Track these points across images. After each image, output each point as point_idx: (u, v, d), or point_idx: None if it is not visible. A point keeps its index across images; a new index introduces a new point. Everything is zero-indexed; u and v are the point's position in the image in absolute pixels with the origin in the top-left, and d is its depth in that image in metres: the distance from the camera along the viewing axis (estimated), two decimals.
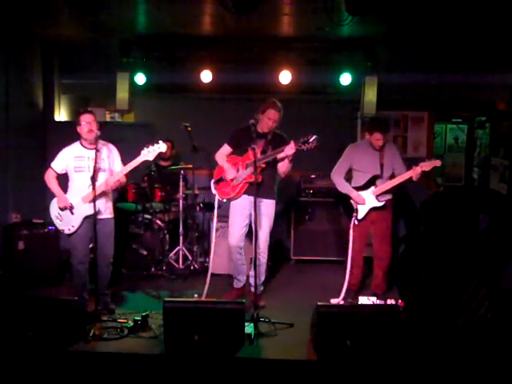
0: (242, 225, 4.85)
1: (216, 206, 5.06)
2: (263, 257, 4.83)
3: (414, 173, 4.75)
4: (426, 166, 4.75)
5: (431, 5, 4.76)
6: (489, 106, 6.89)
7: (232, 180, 4.83)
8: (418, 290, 2.24)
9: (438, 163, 4.81)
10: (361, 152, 5.06)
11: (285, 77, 6.44)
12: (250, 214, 4.82)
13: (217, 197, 4.97)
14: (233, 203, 4.89)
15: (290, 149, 4.51)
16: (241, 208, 4.83)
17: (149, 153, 4.41)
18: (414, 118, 7.20)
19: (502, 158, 5.57)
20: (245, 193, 4.80)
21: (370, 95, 6.29)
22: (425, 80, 6.38)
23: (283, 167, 4.76)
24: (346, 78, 6.48)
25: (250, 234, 4.93)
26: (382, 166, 4.95)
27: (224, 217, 5.31)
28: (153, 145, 4.42)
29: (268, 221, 4.81)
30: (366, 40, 6.11)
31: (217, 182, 4.95)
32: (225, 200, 4.91)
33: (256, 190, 4.44)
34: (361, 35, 5.98)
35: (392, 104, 6.91)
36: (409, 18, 5.29)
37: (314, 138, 4.44)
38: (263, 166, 4.70)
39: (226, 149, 4.94)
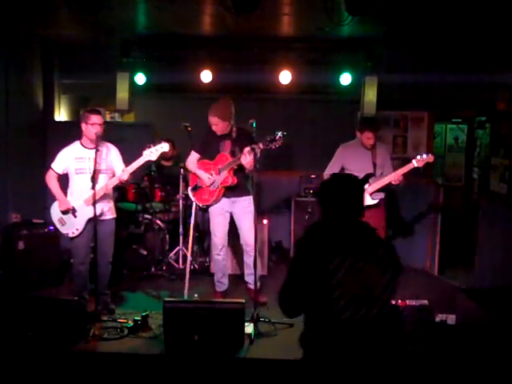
0: (224, 223, 4.94)
1: (193, 212, 5.15)
2: (251, 250, 4.77)
3: (407, 169, 4.83)
4: (419, 162, 4.81)
5: (431, 5, 4.75)
6: (489, 106, 6.88)
7: (209, 186, 4.86)
8: (332, 286, 2.25)
9: (430, 159, 4.85)
10: (352, 152, 5.09)
11: (285, 77, 6.43)
12: (231, 214, 4.92)
13: (195, 203, 5.04)
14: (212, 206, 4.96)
15: (244, 158, 4.53)
16: (220, 208, 4.91)
17: (151, 153, 4.41)
18: (414, 118, 7.20)
19: (501, 158, 5.56)
20: (223, 196, 4.86)
21: (370, 95, 6.28)
22: (425, 80, 6.38)
23: (248, 166, 4.66)
24: (345, 78, 6.47)
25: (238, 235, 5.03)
26: (374, 165, 4.98)
27: None
28: (155, 145, 4.42)
29: (249, 217, 4.73)
30: (366, 40, 6.10)
31: (194, 189, 5.00)
32: (205, 206, 4.96)
33: (231, 191, 4.73)
34: (361, 35, 5.97)
35: (392, 104, 6.90)
36: (409, 18, 5.28)
37: (279, 134, 4.41)
38: (235, 167, 4.74)
39: (194, 156, 5.00)
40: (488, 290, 4.91)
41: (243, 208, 4.82)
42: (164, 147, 4.43)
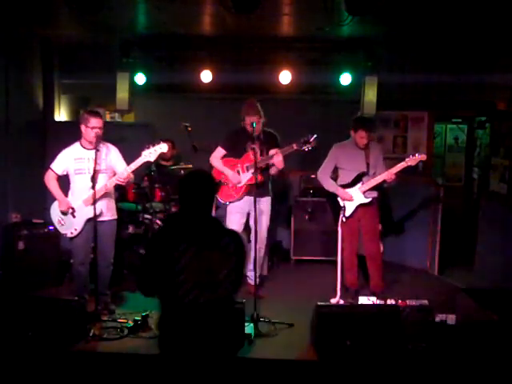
0: (241, 222, 5.06)
1: (214, 208, 5.19)
2: (263, 250, 5.04)
3: (400, 167, 4.86)
4: (412, 161, 4.85)
5: (431, 5, 4.75)
6: (489, 106, 6.89)
7: (234, 183, 4.97)
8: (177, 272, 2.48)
9: (423, 157, 4.92)
10: (346, 151, 5.12)
11: (285, 77, 6.44)
12: (249, 213, 5.01)
13: (216, 199, 5.09)
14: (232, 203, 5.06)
15: (276, 157, 4.74)
16: (239, 207, 5.02)
17: (150, 154, 4.41)
18: (413, 118, 7.20)
19: (502, 158, 5.57)
20: (247, 194, 4.96)
21: (370, 95, 6.28)
22: (425, 80, 6.38)
23: (279, 165, 4.86)
24: (345, 78, 6.47)
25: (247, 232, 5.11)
26: (368, 164, 5.00)
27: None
28: (154, 145, 4.41)
29: (266, 217, 5.05)
30: (365, 40, 6.10)
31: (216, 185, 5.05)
32: (227, 203, 5.08)
33: (256, 190, 4.60)
34: (361, 35, 5.97)
35: (392, 104, 6.90)
36: (409, 18, 5.28)
37: (314, 137, 4.59)
38: (263, 166, 4.83)
39: (220, 152, 5.09)
40: (488, 290, 4.92)
41: (263, 207, 4.96)
42: (163, 148, 4.42)
